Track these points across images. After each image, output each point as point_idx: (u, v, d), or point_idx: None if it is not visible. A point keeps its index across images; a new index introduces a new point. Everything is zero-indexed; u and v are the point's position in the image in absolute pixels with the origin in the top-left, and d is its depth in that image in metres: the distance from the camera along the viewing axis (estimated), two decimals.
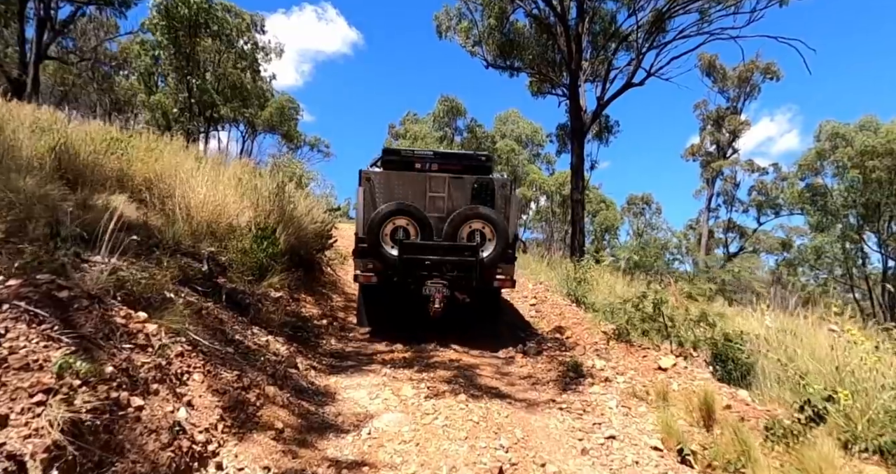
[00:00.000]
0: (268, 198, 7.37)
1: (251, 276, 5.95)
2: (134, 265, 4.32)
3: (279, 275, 6.40)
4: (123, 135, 8.56)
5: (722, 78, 28.46)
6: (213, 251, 5.82)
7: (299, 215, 7.67)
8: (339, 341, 5.77)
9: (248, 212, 6.95)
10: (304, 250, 7.78)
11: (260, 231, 6.28)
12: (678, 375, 4.44)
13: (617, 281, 10.66)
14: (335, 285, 8.47)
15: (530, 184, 31.64)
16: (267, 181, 7.78)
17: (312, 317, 6.20)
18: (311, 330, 5.71)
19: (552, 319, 7.00)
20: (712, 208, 30.18)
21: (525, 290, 8.85)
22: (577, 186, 16.16)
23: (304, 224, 7.65)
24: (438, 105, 28.03)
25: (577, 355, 5.42)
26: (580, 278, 9.24)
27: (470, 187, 6.00)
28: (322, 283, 8.15)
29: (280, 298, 6.12)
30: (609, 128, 19.18)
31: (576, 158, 16.19)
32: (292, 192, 8.40)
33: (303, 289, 7.05)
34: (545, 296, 8.15)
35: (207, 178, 6.82)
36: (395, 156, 6.29)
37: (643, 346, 5.31)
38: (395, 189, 5.97)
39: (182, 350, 3.08)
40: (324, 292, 7.73)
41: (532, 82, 19.32)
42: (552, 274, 12.03)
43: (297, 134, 45.21)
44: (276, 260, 6.59)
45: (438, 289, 5.61)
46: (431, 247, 5.70)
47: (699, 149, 30.91)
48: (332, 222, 9.21)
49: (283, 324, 5.25)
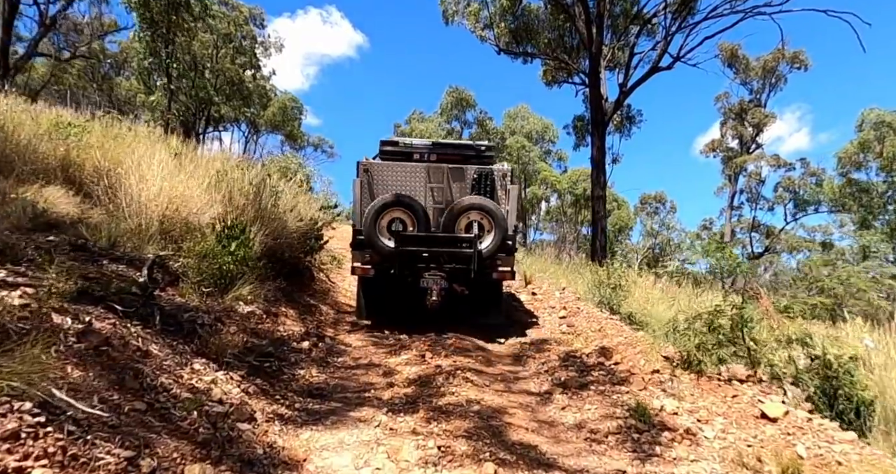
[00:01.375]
0: (243, 192, 6.11)
1: (213, 287, 4.69)
2: (21, 276, 3.06)
3: (251, 284, 5.13)
4: (79, 120, 7.37)
5: (745, 68, 26.93)
6: (163, 255, 4.56)
7: (282, 211, 6.40)
8: (322, 369, 4.48)
9: (218, 207, 5.69)
10: (289, 253, 6.51)
11: (227, 229, 5.02)
12: (799, 431, 3.10)
13: (653, 287, 9.31)
14: (327, 294, 7.19)
15: (541, 182, 30.28)
16: (247, 173, 6.52)
17: (291, 338, 4.92)
18: (287, 356, 4.42)
19: (591, 336, 5.67)
20: (735, 206, 28.63)
21: (551, 299, 7.52)
22: (599, 181, 14.81)
23: (288, 221, 6.38)
24: (446, 96, 26.63)
25: (635, 390, 4.09)
26: (614, 283, 7.90)
27: (470, 178, 5.86)
28: (311, 292, 6.87)
29: (250, 314, 4.84)
30: (631, 119, 17.83)
31: (596, 151, 14.84)
32: (277, 186, 7.14)
33: (284, 300, 5.77)
34: (576, 306, 6.82)
35: (169, 167, 5.58)
36: (393, 147, 6.10)
37: (722, 378, 3.97)
38: (394, 180, 5.83)
39: (16, 428, 1.80)
40: (312, 303, 6.45)
41: (546, 71, 17.99)
42: (573, 277, 10.71)
43: (301, 134, 44.27)
44: (249, 265, 5.34)
45: (436, 282, 5.54)
46: (428, 238, 5.59)
47: (720, 144, 29.37)
48: (325, 220, 7.94)
49: (245, 352, 3.96)
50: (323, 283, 7.73)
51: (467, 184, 5.89)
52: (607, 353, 5.02)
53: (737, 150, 28.82)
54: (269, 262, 5.88)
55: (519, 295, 8.30)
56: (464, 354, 5.17)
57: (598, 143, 14.73)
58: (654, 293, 9.24)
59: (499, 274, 5.88)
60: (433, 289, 5.54)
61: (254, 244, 5.44)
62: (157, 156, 5.60)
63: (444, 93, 26.73)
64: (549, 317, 6.73)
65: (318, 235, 7.10)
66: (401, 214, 5.74)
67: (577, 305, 6.84)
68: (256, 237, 5.57)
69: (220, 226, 4.98)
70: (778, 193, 26.64)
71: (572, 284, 9.45)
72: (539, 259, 13.59)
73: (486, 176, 5.89)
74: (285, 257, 6.38)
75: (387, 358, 5.01)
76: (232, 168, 6.70)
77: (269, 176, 7.42)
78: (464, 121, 27.36)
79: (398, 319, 6.08)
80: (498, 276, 5.91)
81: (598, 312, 6.41)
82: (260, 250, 5.68)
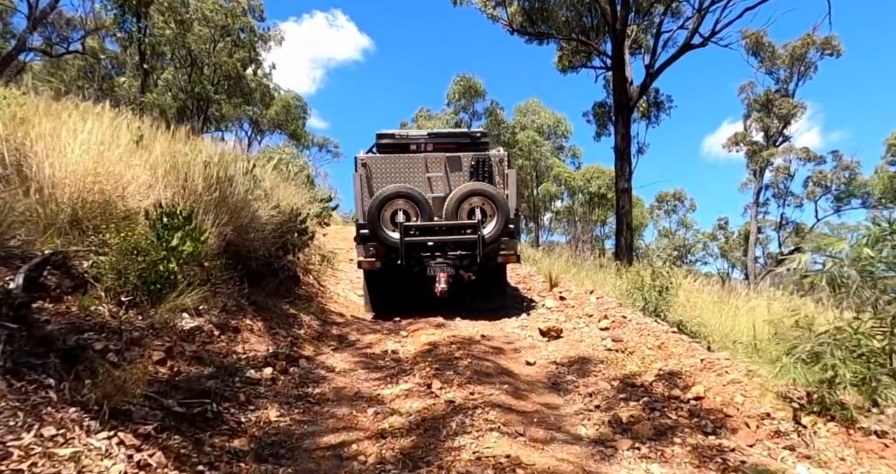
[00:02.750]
0: (205, 175, 4.85)
1: (143, 294, 3.43)
2: None
3: (202, 289, 3.87)
4: (13, 92, 6.15)
5: (770, 56, 25.34)
6: (68, 251, 3.30)
7: (253, 199, 5.14)
8: (287, 409, 3.19)
9: (166, 191, 4.43)
10: (263, 250, 5.24)
11: (166, 217, 3.75)
12: None
13: (700, 290, 7.94)
14: (313, 301, 5.91)
15: (554, 178, 28.87)
16: (205, 151, 5.27)
17: (251, 363, 3.63)
18: (237, 391, 3.14)
19: (648, 356, 4.33)
20: (761, 203, 27.00)
21: (585, 305, 6.18)
22: (623, 173, 13.44)
23: (259, 211, 5.12)
24: (453, 86, 25.11)
25: (742, 444, 2.76)
26: (660, 286, 6.55)
27: (467, 165, 5.93)
28: (292, 299, 5.60)
29: (195, 331, 3.57)
30: (659, 105, 16.33)
31: (620, 139, 13.48)
32: (251, 169, 5.88)
33: (251, 309, 4.50)
34: (620, 314, 5.47)
35: (101, 140, 4.33)
36: (389, 140, 6.09)
37: (888, 434, 2.63)
38: (392, 172, 5.87)
39: None
40: (291, 313, 5.17)
41: (562, 55, 16.65)
42: (598, 279, 9.38)
43: (305, 133, 43.34)
44: (203, 265, 4.09)
45: (443, 269, 5.57)
46: (432, 227, 5.66)
47: (743, 137, 27.77)
48: (312, 212, 6.68)
49: (167, 391, 2.69)
50: (310, 287, 6.45)
51: (465, 171, 5.93)
52: (680, 382, 3.68)
53: (762, 144, 27.22)
54: (231, 261, 4.62)
55: (544, 299, 6.97)
56: (483, 381, 3.87)
57: (623, 131, 13.37)
58: (702, 297, 7.87)
59: (503, 257, 5.93)
60: (440, 276, 5.53)
61: (208, 237, 4.18)
62: (87, 126, 4.35)
63: (451, 82, 25.22)
64: (587, 328, 5.40)
65: (301, 229, 5.82)
66: (403, 205, 5.69)
67: (620, 313, 5.49)
68: (213, 228, 4.32)
69: (156, 213, 3.72)
70: (809, 188, 25.04)
71: (600, 286, 8.12)
72: (557, 259, 12.24)
73: (483, 162, 5.93)
74: (257, 255, 5.11)
75: (380, 388, 3.72)
76: (195, 150, 5.45)
77: (248, 161, 6.18)
78: (472, 113, 25.92)
79: (404, 311, 5.99)
80: (503, 260, 5.97)
81: (653, 323, 5.06)
82: (218, 245, 4.42)
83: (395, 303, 6.12)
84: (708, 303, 7.58)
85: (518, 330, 5.68)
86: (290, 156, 11.46)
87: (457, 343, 4.84)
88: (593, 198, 33.80)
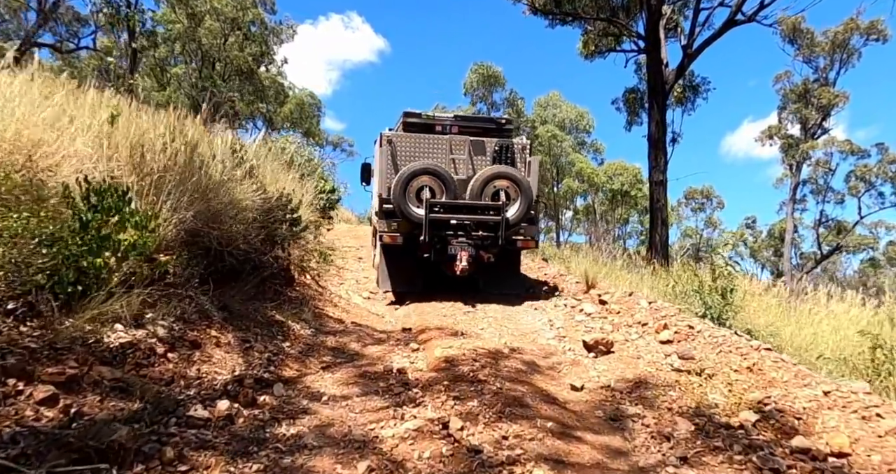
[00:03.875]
0: (165, 149, 3.93)
1: (58, 299, 2.50)
2: None
3: (148, 290, 2.95)
4: None
5: (809, 43, 23.74)
6: None
7: (227, 180, 4.20)
8: (237, 465, 2.20)
9: (109, 166, 3.51)
10: (244, 242, 4.30)
11: (95, 194, 2.82)
12: None
13: (765, 293, 6.79)
14: (306, 305, 4.95)
15: (576, 175, 27.61)
16: (168, 120, 4.35)
17: (200, 393, 2.67)
18: (161, 443, 2.16)
19: (734, 381, 3.26)
20: (797, 199, 25.31)
21: (634, 311, 5.11)
22: (658, 164, 12.26)
23: (236, 193, 4.18)
24: (470, 75, 23.78)
25: None
26: (722, 288, 5.46)
27: (490, 150, 6.00)
28: (280, 302, 4.64)
29: (127, 348, 2.63)
30: (696, 88, 14.92)
31: (655, 127, 12.31)
32: (235, 148, 4.95)
33: (219, 317, 3.54)
34: (684, 323, 4.39)
35: (28, 100, 3.44)
36: (415, 119, 6.14)
37: None
38: (417, 151, 5.93)
39: None
40: (277, 320, 4.21)
41: (587, 40, 15.49)
42: (632, 278, 8.29)
43: (320, 132, 42.85)
44: (153, 259, 3.17)
45: (464, 248, 5.56)
46: (458, 206, 5.67)
47: (777, 130, 26.14)
48: (307, 200, 5.75)
49: (34, 452, 1.73)
50: (306, 289, 5.51)
51: (488, 156, 6.00)
52: (798, 424, 2.61)
53: (798, 137, 25.58)
54: (197, 255, 3.68)
55: (580, 302, 5.92)
56: (518, 415, 2.87)
57: (658, 117, 12.20)
58: (764, 300, 6.71)
59: (522, 243, 6.01)
60: (462, 255, 5.52)
61: (161, 224, 3.24)
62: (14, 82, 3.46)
63: (469, 71, 23.92)
64: (642, 341, 4.33)
65: (293, 219, 4.87)
66: (429, 182, 5.68)
67: (684, 322, 4.41)
68: (171, 213, 3.39)
69: (81, 189, 2.78)
70: (851, 184, 23.37)
71: (635, 288, 7.05)
72: (585, 257, 11.12)
73: (506, 148, 6.01)
74: (236, 248, 4.17)
75: (379, 426, 2.72)
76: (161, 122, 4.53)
77: (233, 140, 5.26)
78: (491, 103, 24.63)
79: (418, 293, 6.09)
80: (521, 245, 6.06)
81: (733, 336, 3.96)
82: (177, 235, 3.49)
83: (413, 281, 6.18)
84: (773, 307, 6.43)
85: (554, 341, 4.65)
86: (294, 145, 10.63)
87: (480, 358, 3.84)
88: (616, 195, 32.44)
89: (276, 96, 34.69)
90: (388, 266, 6.19)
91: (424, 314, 5.52)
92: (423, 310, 5.68)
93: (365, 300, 6.31)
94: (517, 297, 6.34)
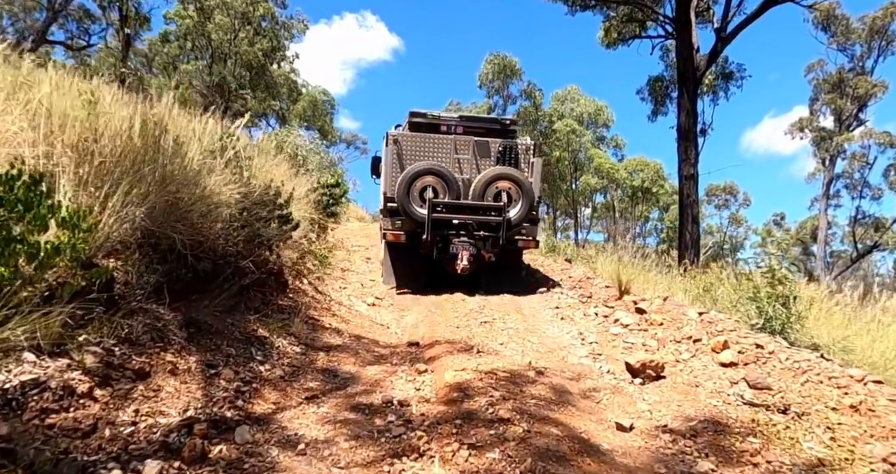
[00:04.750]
0: (121, 131, 3.28)
1: None
2: None
3: (79, 304, 2.30)
4: None
5: (844, 31, 22.44)
6: None
7: (197, 168, 3.54)
8: None
9: (40, 149, 2.87)
10: (223, 244, 3.66)
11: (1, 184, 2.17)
12: None
13: (828, 299, 5.93)
14: (298, 315, 4.27)
15: (595, 171, 26.61)
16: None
17: (125, 448, 2.00)
18: None
19: (836, 426, 2.50)
20: (831, 194, 23.98)
21: (682, 324, 4.32)
22: (688, 156, 11.37)
23: (209, 185, 3.51)
24: (485, 65, 22.73)
25: None
26: (784, 295, 4.66)
27: (495, 150, 6.06)
28: (266, 312, 3.98)
29: (31, 387, 1.97)
30: (729, 76, 13.82)
31: (684, 117, 11.43)
32: (229, 141, 4.30)
33: (180, 336, 2.88)
34: (752, 341, 3.61)
35: None
36: (421, 119, 6.20)
37: None
38: (422, 151, 5.98)
39: None
40: (259, 336, 3.54)
41: (610, 26, 14.60)
42: (662, 280, 7.52)
43: (333, 130, 42.54)
44: (93, 265, 2.54)
45: (465, 247, 5.66)
46: (460, 206, 5.75)
47: (809, 122, 24.83)
48: (301, 193, 5.09)
49: None
50: (301, 295, 4.85)
51: (493, 156, 6.04)
52: None
53: (831, 130, 24.24)
54: (157, 259, 3.03)
55: (613, 311, 5.16)
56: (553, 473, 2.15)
57: (688, 106, 11.31)
58: (823, 307, 5.86)
59: (523, 242, 6.11)
60: (463, 254, 5.61)
61: (100, 222, 2.60)
62: None
63: (484, 61, 22.85)
64: (697, 362, 3.57)
65: (283, 216, 4.21)
66: (433, 182, 5.75)
67: (748, 339, 3.63)
68: (121, 208, 2.73)
69: None
70: (891, 178, 22.01)
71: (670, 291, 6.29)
72: (609, 257, 10.30)
73: (510, 149, 6.05)
74: (212, 250, 3.52)
75: None
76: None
77: (215, 124, 4.62)
78: (507, 96, 23.61)
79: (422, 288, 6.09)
80: (522, 245, 6.16)
81: (819, 360, 3.18)
82: (132, 234, 2.84)
83: (416, 278, 6.21)
84: (836, 315, 5.59)
85: (588, 360, 3.91)
86: (297, 138, 10.03)
87: (500, 385, 3.13)
88: (636, 192, 31.36)
89: (289, 94, 34.37)
90: (393, 262, 6.27)
91: (435, 324, 4.82)
92: (434, 320, 4.99)
93: (369, 307, 5.64)
94: (541, 305, 5.65)
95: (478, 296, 5.87)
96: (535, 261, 8.77)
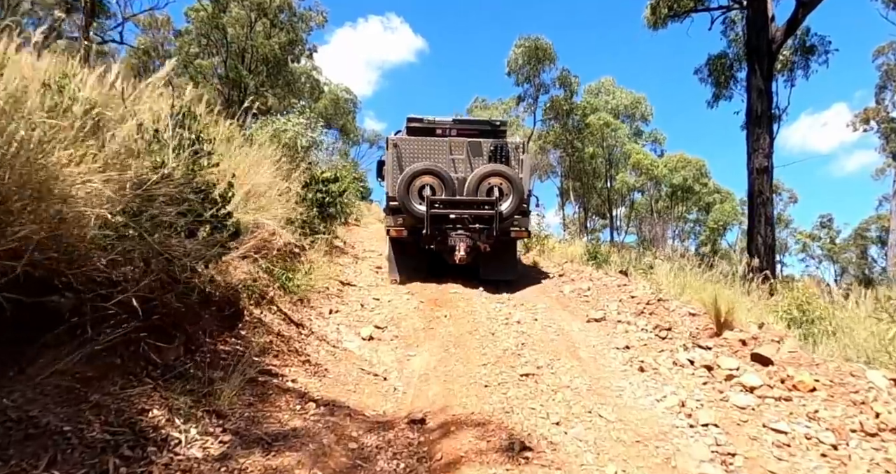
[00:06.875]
0: None
1: None
2: None
3: None
4: None
5: None
6: None
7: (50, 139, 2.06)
8: None
9: None
10: (96, 265, 2.16)
11: None
12: None
13: None
14: (241, 368, 2.77)
15: (633, 167, 24.57)
16: None
17: None
18: None
19: None
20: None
21: (852, 387, 2.64)
22: (761, 145, 9.50)
23: (54, 172, 2.03)
24: (514, 50, 20.53)
25: None
26: None
27: (487, 150, 6.42)
28: (187, 368, 2.50)
29: None
30: (810, 50, 11.71)
31: (756, 97, 9.56)
32: None
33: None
34: None
35: None
36: (418, 124, 6.54)
37: None
38: (420, 153, 6.36)
39: None
40: (136, 424, 2.06)
41: (658, 3, 12.78)
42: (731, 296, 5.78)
43: (355, 129, 41.53)
44: None
45: (462, 239, 5.97)
46: (456, 202, 6.11)
47: (876, 113, 22.27)
48: (278, 191, 3.62)
49: None
50: (259, 332, 3.35)
51: (484, 155, 6.41)
52: None
53: None
54: None
55: (719, 358, 3.49)
56: None
57: (761, 86, 9.44)
58: None
59: (516, 233, 6.45)
60: (460, 246, 5.92)
61: None
62: None
63: (513, 46, 20.56)
64: None
65: (217, 220, 2.72)
66: (430, 181, 6.11)
67: None
68: None
69: None
70: None
71: (761, 316, 4.65)
72: (663, 264, 8.50)
73: (501, 148, 6.42)
74: (87, 275, 2.05)
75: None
76: None
77: None
78: (538, 85, 21.46)
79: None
80: (515, 235, 6.50)
81: None
82: None
83: (418, 270, 6.50)
84: None
85: (719, 470, 2.28)
86: (298, 126, 8.68)
87: None
88: (676, 191, 29.12)
89: (311, 92, 33.38)
90: (396, 257, 6.55)
91: (453, 378, 3.27)
92: (451, 369, 3.43)
93: (364, 342, 4.12)
94: (601, 342, 4.04)
95: (514, 326, 4.31)
96: (580, 273, 7.12)
